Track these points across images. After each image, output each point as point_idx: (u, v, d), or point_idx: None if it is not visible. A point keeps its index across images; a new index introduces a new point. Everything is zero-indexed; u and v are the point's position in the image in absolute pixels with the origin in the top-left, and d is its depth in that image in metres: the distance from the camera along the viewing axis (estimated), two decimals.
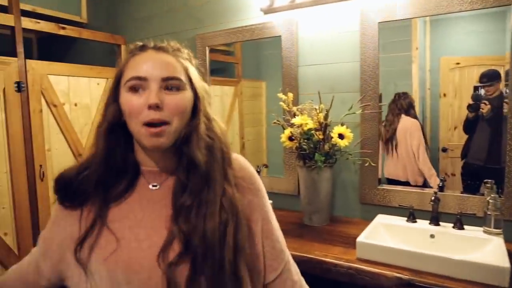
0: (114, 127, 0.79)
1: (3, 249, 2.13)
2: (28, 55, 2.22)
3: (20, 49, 2.15)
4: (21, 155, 2.20)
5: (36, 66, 2.26)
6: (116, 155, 0.80)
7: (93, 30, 2.63)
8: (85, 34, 2.55)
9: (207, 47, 2.31)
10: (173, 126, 0.75)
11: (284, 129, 1.78)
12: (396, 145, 1.81)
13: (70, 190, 0.82)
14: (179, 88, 0.76)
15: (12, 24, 2.12)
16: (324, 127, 1.72)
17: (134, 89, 0.75)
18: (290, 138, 1.74)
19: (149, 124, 0.73)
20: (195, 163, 0.75)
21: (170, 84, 0.75)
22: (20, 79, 2.17)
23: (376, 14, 1.73)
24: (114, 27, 2.81)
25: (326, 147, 1.71)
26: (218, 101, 2.40)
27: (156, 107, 0.72)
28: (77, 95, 2.49)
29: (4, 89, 2.10)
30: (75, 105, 2.48)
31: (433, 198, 1.54)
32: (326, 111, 1.74)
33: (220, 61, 2.43)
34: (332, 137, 1.69)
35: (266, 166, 2.26)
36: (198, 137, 0.77)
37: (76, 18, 2.83)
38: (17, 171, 2.18)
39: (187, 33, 2.42)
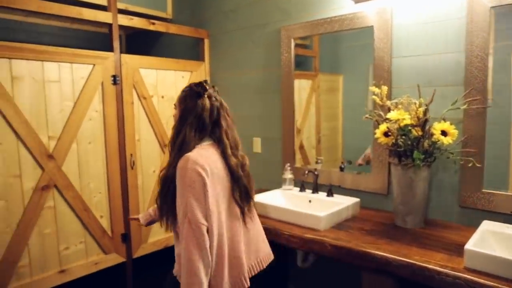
0: None
1: (99, 230, 2.30)
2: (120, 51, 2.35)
3: (116, 44, 2.29)
4: (115, 144, 2.34)
5: (129, 60, 2.39)
6: None
7: (179, 25, 2.71)
8: (172, 28, 2.64)
9: (292, 39, 2.26)
10: None
11: (378, 124, 1.68)
12: None
13: None
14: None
15: (110, 21, 2.25)
16: (423, 123, 1.59)
17: None
18: (386, 134, 1.64)
19: None
20: None
21: None
22: (115, 72, 2.30)
23: None
24: (198, 21, 2.88)
25: (426, 144, 1.58)
26: (296, 94, 2.36)
27: None
28: (164, 88, 2.60)
29: (102, 82, 2.25)
30: (162, 97, 2.59)
31: None
32: (426, 105, 1.61)
33: (298, 54, 2.36)
34: (432, 134, 1.56)
35: (350, 162, 2.17)
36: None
37: (162, 14, 2.95)
38: (111, 159, 2.33)
39: (272, 25, 2.39)
